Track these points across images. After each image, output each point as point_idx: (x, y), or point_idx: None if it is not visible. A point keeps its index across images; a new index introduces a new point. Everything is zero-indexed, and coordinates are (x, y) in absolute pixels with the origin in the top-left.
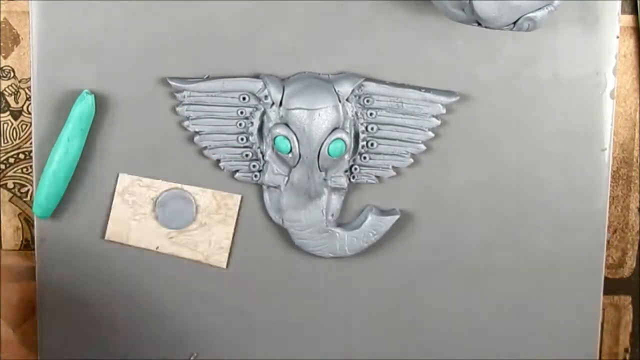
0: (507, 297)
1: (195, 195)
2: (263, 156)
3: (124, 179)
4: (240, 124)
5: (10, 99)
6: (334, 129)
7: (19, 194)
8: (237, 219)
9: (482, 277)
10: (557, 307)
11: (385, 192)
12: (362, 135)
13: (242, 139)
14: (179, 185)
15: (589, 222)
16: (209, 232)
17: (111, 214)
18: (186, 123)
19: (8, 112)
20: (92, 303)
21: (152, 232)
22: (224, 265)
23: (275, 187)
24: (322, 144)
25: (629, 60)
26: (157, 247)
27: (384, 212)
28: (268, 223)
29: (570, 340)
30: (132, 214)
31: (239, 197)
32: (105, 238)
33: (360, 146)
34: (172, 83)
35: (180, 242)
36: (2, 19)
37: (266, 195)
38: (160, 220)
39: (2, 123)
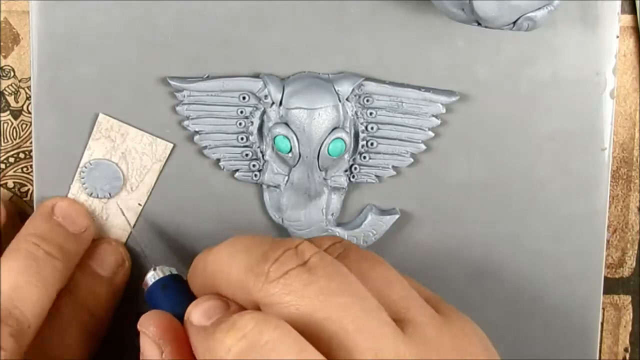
0: (506, 296)
1: (88, 159)
2: (263, 156)
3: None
4: (240, 124)
5: (10, 99)
6: (334, 129)
7: (19, 194)
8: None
9: (481, 276)
10: (556, 306)
11: (385, 191)
12: (362, 135)
13: (242, 139)
14: (81, 168)
15: (589, 222)
16: (138, 156)
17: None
18: (186, 122)
19: (8, 112)
20: None
21: (122, 206)
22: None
23: (275, 186)
24: (322, 143)
25: (629, 60)
26: (139, 203)
27: (384, 212)
28: (268, 223)
29: (570, 340)
30: (102, 215)
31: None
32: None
33: (360, 146)
34: (172, 82)
35: (135, 186)
36: (2, 19)
37: (266, 195)
38: (109, 196)
39: (2, 122)
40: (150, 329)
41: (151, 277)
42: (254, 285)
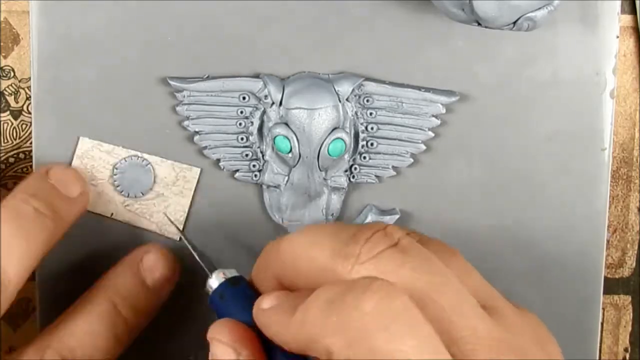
0: (506, 296)
1: (154, 165)
2: (263, 156)
3: (85, 143)
4: (240, 124)
5: (10, 99)
6: (334, 129)
7: None
8: (195, 192)
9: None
10: (556, 306)
11: (385, 191)
12: (362, 135)
13: (242, 139)
14: (139, 154)
15: (589, 222)
16: (165, 202)
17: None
18: (186, 123)
19: (8, 112)
20: None
21: (108, 199)
22: (177, 237)
23: (275, 186)
24: (322, 143)
25: (629, 60)
26: (112, 214)
27: (384, 212)
28: (268, 223)
29: (570, 340)
30: (90, 179)
31: (198, 170)
32: None
33: (360, 146)
34: (172, 83)
35: (135, 210)
36: (2, 19)
37: (266, 195)
38: (118, 187)
39: (2, 123)
40: (224, 334)
41: (210, 285)
42: (343, 267)
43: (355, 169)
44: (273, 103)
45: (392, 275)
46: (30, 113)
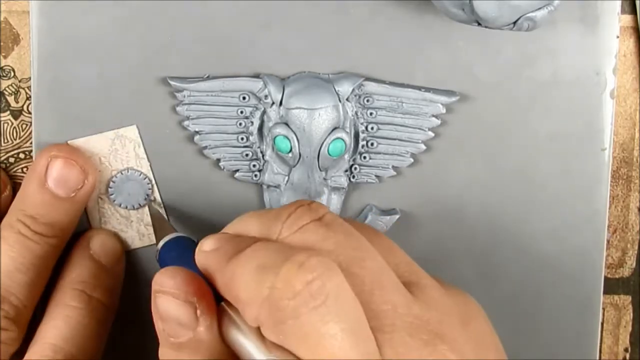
0: (506, 296)
1: (153, 204)
2: (263, 156)
3: (132, 132)
4: (240, 124)
5: (11, 99)
6: (334, 129)
7: None
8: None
9: (481, 276)
10: (557, 306)
11: (385, 191)
12: (362, 135)
13: (242, 139)
14: (155, 187)
15: (589, 222)
16: (126, 231)
17: (93, 136)
18: (186, 123)
19: (8, 112)
20: None
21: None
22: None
23: (275, 186)
24: (322, 143)
25: (629, 60)
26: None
27: (384, 212)
28: None
29: (570, 340)
30: (101, 150)
31: (162, 243)
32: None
33: (360, 146)
34: (172, 83)
35: (100, 205)
36: (2, 19)
37: (266, 195)
38: (111, 182)
39: (2, 123)
40: (177, 286)
41: (160, 243)
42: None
43: (356, 168)
44: (273, 103)
45: (316, 247)
46: (30, 113)
